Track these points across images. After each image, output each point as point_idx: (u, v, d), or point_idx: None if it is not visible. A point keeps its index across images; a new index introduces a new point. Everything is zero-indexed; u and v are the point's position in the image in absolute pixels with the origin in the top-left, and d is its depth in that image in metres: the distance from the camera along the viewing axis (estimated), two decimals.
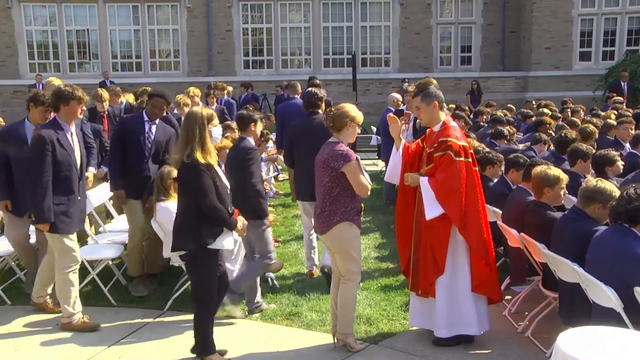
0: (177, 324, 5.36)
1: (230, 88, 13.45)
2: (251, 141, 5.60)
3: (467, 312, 4.77)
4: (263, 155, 9.98)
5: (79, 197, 5.34)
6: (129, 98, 10.10)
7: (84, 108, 5.56)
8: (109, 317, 5.49)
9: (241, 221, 4.55)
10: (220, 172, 4.49)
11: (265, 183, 8.26)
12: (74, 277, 5.28)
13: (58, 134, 5.16)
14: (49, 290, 5.58)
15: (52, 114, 5.47)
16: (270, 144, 11.39)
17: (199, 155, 4.26)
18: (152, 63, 22.32)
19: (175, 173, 5.84)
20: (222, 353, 4.71)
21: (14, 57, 21.67)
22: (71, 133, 5.30)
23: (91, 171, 6.84)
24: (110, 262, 6.06)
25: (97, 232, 6.94)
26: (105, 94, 8.67)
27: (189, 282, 5.78)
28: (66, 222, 5.18)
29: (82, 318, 5.29)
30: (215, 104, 11.33)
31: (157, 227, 5.69)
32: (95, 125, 7.69)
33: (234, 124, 9.32)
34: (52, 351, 4.92)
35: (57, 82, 6.45)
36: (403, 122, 8.78)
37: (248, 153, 5.44)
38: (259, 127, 5.72)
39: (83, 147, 5.53)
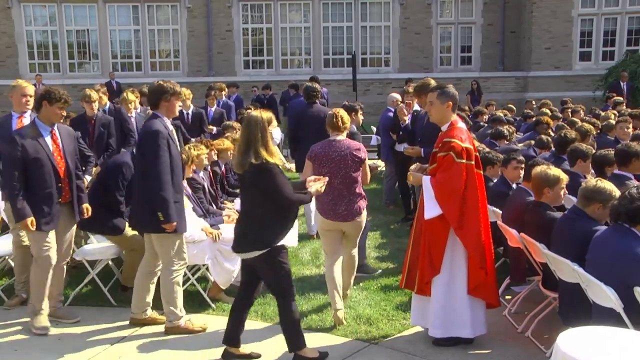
0: None
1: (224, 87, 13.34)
2: (354, 127, 6.53)
3: (462, 313, 4.76)
4: None
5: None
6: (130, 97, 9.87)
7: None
8: (109, 317, 5.48)
9: (315, 187, 4.68)
10: None
11: None
12: (181, 280, 5.19)
13: (167, 128, 5.00)
14: (149, 300, 5.29)
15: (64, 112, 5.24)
16: None
17: (266, 156, 4.33)
18: (152, 63, 22.31)
19: None
20: (255, 357, 4.75)
21: (14, 57, 21.67)
22: (172, 130, 5.11)
23: (86, 178, 6.53)
24: (110, 262, 6.05)
25: None
26: (94, 94, 7.80)
27: (189, 283, 5.81)
28: (184, 220, 5.07)
29: (188, 320, 5.22)
30: (215, 105, 11.27)
31: None
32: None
33: (236, 124, 9.34)
34: (52, 351, 4.91)
35: (25, 83, 6.04)
36: (404, 111, 8.79)
37: (352, 136, 6.16)
38: (360, 116, 6.82)
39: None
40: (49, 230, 5.14)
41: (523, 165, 6.31)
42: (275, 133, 4.56)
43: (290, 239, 4.58)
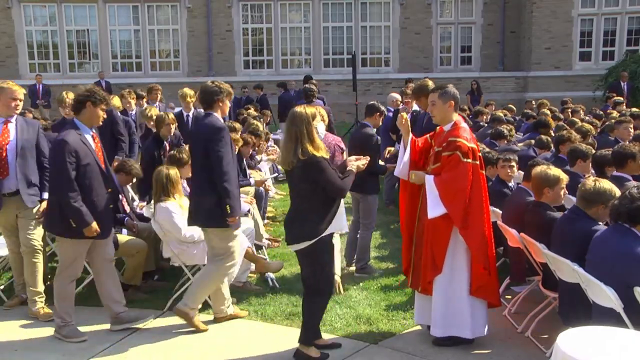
0: (178, 324, 5.35)
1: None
2: (372, 128, 6.73)
3: (461, 314, 4.76)
4: (263, 155, 9.99)
5: None
6: (115, 102, 8.69)
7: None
8: (109, 318, 5.48)
9: (356, 164, 4.77)
10: None
11: (265, 184, 8.31)
12: (232, 276, 5.36)
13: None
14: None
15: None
16: (271, 143, 11.38)
17: (313, 150, 4.41)
18: (152, 63, 22.31)
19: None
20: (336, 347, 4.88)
21: (14, 57, 21.66)
22: None
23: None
24: None
25: None
26: (71, 96, 6.98)
27: (189, 282, 5.81)
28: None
29: (197, 317, 5.27)
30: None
31: (158, 227, 5.69)
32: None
33: (235, 124, 9.34)
34: (52, 351, 4.92)
35: (15, 86, 5.62)
36: (404, 110, 8.81)
37: (371, 137, 6.55)
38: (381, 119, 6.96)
39: None
40: (104, 238, 5.10)
41: (512, 164, 6.34)
42: (321, 127, 4.63)
43: (340, 225, 4.64)
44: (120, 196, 6.04)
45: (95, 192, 4.96)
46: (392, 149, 7.25)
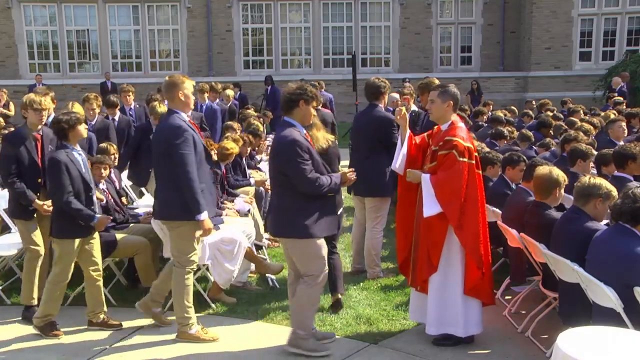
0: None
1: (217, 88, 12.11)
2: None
3: (454, 312, 4.77)
4: (263, 155, 9.99)
5: None
6: (77, 109, 6.85)
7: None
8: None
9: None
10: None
11: (265, 183, 8.31)
12: None
13: None
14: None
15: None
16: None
17: None
18: (152, 63, 22.30)
19: None
20: None
21: (14, 57, 21.65)
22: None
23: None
24: (110, 263, 6.05)
25: None
26: (47, 100, 5.93)
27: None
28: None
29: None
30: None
31: (157, 227, 5.68)
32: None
33: (235, 124, 9.34)
34: (52, 351, 4.92)
35: (189, 79, 5.26)
36: (403, 106, 8.78)
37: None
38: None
39: None
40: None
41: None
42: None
43: None
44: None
45: None
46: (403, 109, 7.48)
